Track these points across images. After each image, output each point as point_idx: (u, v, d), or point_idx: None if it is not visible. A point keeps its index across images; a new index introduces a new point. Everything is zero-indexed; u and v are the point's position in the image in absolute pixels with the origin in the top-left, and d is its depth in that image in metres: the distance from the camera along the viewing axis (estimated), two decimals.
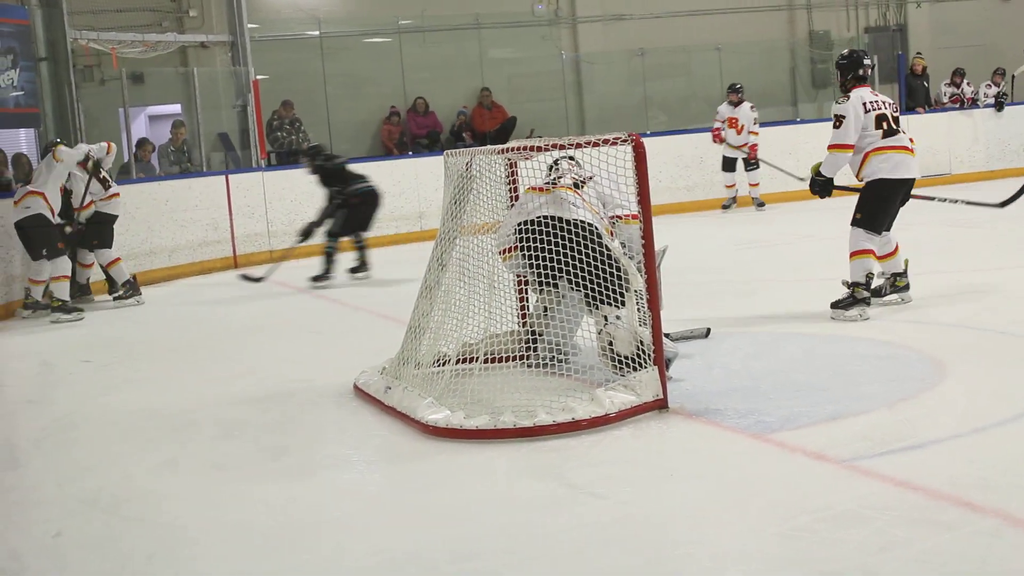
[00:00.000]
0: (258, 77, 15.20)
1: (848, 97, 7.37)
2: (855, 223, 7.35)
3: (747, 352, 6.39)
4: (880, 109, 7.34)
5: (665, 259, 6.03)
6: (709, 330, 6.75)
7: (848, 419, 4.87)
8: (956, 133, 17.78)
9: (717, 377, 5.80)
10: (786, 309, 7.75)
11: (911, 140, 7.42)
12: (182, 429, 5.75)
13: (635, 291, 5.36)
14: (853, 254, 7.32)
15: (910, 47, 20.50)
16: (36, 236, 10.24)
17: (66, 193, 10.65)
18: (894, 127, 7.32)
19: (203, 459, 5.19)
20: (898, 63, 18.85)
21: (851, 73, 7.50)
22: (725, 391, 5.46)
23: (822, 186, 7.47)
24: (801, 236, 12.21)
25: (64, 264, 10.32)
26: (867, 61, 7.56)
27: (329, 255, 11.28)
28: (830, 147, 7.37)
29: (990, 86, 18.63)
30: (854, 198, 7.51)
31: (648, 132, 16.77)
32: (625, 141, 5.13)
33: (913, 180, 7.39)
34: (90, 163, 10.66)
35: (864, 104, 7.31)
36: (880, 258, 7.44)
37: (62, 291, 10.24)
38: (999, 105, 17.86)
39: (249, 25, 15.54)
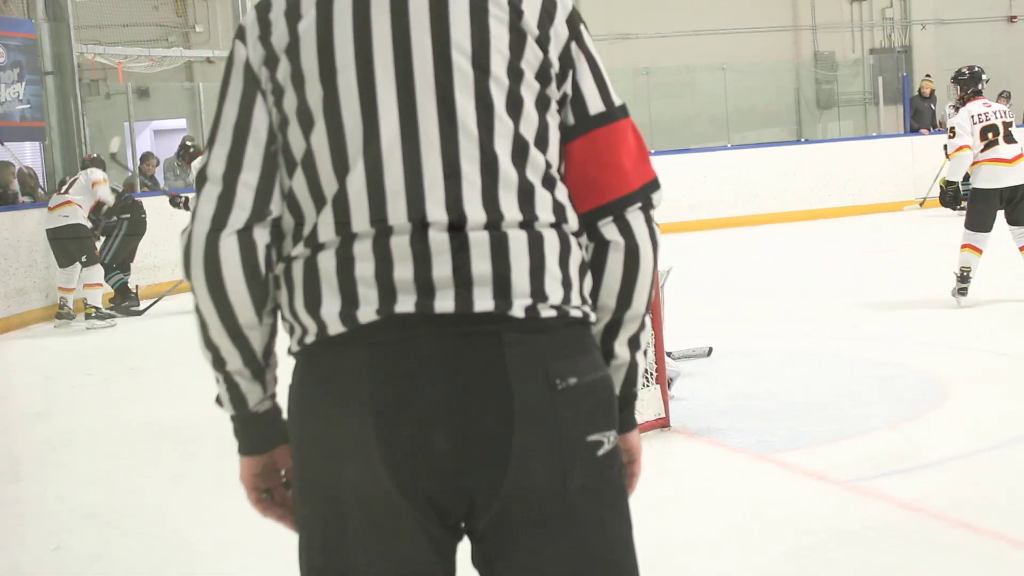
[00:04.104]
0: None
1: (956, 109, 8.30)
2: (966, 226, 8.11)
3: (750, 372, 6.40)
4: (989, 120, 8.06)
5: (669, 279, 6.04)
6: (711, 349, 6.76)
7: (850, 439, 4.88)
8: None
9: (719, 396, 5.80)
10: (789, 329, 7.77)
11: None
12: (186, 443, 5.76)
13: None
14: (962, 247, 8.03)
15: (915, 69, 20.57)
16: (74, 244, 10.49)
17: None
18: (994, 139, 8.00)
19: (207, 473, 5.19)
20: (903, 85, 18.89)
21: (970, 88, 8.32)
22: (727, 410, 5.47)
23: (952, 195, 8.28)
24: (803, 256, 12.22)
25: (98, 272, 10.55)
26: (985, 77, 8.39)
27: None
28: (949, 155, 8.21)
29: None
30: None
31: (653, 151, 16.78)
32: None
33: (1010, 187, 7.96)
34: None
35: (972, 116, 8.07)
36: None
37: (95, 298, 10.47)
38: None
39: None
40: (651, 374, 5.22)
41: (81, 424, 6.48)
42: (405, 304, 1.50)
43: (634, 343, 1.66)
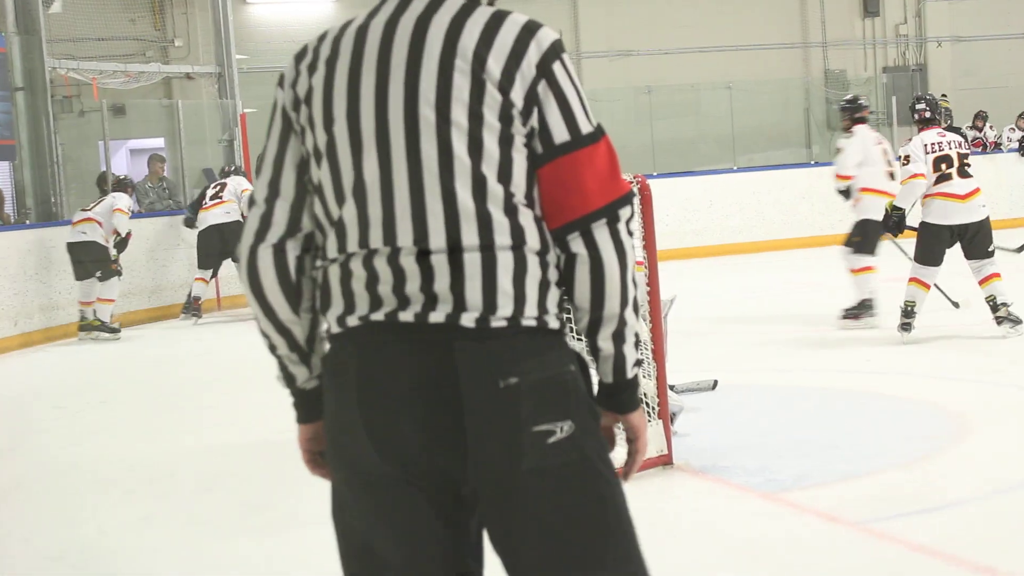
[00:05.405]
0: (246, 111, 15.25)
1: (910, 140, 8.34)
2: (914, 259, 8.19)
3: (757, 407, 6.39)
4: (943, 151, 8.09)
5: (673, 309, 6.03)
6: (716, 382, 6.73)
7: (862, 478, 4.87)
8: (978, 178, 17.78)
9: (725, 432, 5.79)
10: (798, 362, 7.76)
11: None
12: (159, 481, 5.74)
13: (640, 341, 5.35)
14: (909, 280, 8.12)
15: (930, 88, 20.64)
16: (90, 260, 11.15)
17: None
18: (947, 171, 8.04)
19: (180, 513, 5.18)
20: None
21: (916, 115, 8.53)
22: (733, 447, 5.45)
23: (896, 222, 8.27)
24: (813, 285, 12.23)
25: (111, 288, 11.17)
26: (920, 107, 8.56)
27: None
28: (903, 181, 8.19)
29: (1014, 130, 18.70)
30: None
31: (655, 173, 16.78)
32: (630, 184, 5.15)
33: (959, 225, 8.06)
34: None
35: (925, 145, 8.11)
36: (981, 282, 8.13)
37: (104, 312, 11.17)
38: None
39: (237, 56, 15.61)
40: (653, 408, 5.21)
41: (48, 460, 6.45)
42: (378, 315, 1.93)
43: (618, 337, 2.00)
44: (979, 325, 8.18)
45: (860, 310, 8.94)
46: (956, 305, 8.44)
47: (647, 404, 5.24)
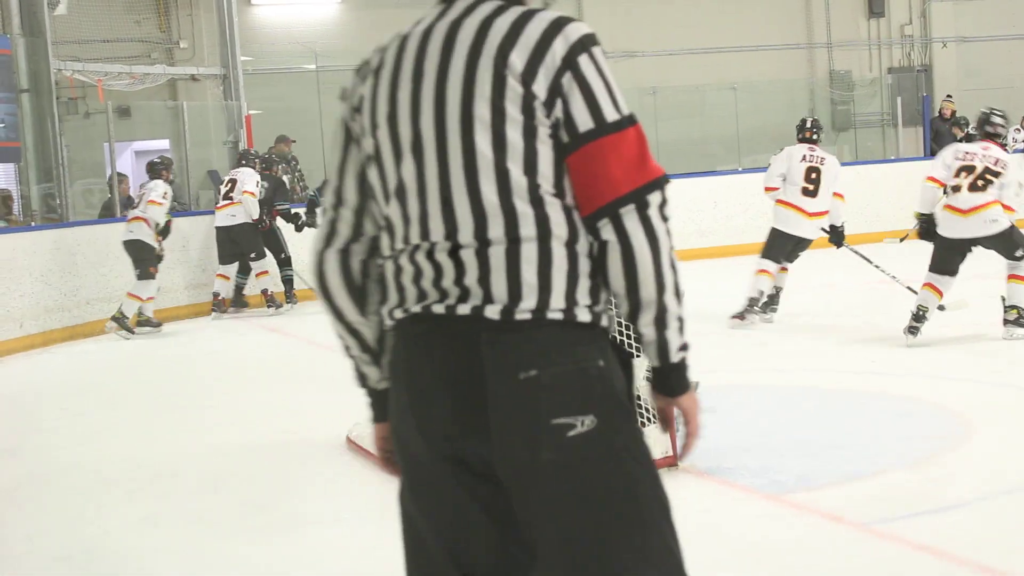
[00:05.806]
0: (251, 112, 15.26)
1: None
2: (928, 267, 8.12)
3: (760, 407, 6.39)
4: (970, 162, 8.08)
5: None
6: (697, 384, 6.68)
7: (866, 479, 4.87)
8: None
9: (726, 433, 5.78)
10: (801, 362, 7.76)
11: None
12: (163, 481, 5.75)
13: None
14: (923, 284, 8.08)
15: (935, 89, 20.62)
16: (133, 258, 11.40)
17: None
18: (961, 182, 7.99)
19: (184, 514, 5.18)
20: (923, 105, 18.93)
21: (979, 129, 8.67)
22: (737, 448, 5.45)
23: (926, 228, 8.17)
24: (818, 285, 12.22)
25: (144, 287, 11.36)
26: (997, 119, 8.62)
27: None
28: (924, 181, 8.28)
29: (1020, 130, 18.65)
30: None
31: None
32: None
33: (963, 239, 8.01)
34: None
35: (957, 152, 8.24)
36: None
37: (128, 307, 11.32)
38: None
39: (242, 57, 15.60)
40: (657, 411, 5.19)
41: (53, 461, 6.46)
42: (418, 306, 2.03)
43: (659, 323, 2.03)
44: (980, 325, 8.17)
45: (745, 311, 9.39)
46: (941, 308, 8.38)
47: (647, 410, 5.23)
